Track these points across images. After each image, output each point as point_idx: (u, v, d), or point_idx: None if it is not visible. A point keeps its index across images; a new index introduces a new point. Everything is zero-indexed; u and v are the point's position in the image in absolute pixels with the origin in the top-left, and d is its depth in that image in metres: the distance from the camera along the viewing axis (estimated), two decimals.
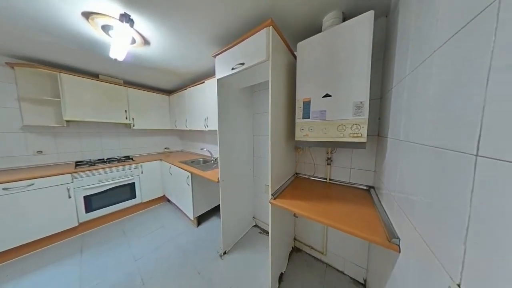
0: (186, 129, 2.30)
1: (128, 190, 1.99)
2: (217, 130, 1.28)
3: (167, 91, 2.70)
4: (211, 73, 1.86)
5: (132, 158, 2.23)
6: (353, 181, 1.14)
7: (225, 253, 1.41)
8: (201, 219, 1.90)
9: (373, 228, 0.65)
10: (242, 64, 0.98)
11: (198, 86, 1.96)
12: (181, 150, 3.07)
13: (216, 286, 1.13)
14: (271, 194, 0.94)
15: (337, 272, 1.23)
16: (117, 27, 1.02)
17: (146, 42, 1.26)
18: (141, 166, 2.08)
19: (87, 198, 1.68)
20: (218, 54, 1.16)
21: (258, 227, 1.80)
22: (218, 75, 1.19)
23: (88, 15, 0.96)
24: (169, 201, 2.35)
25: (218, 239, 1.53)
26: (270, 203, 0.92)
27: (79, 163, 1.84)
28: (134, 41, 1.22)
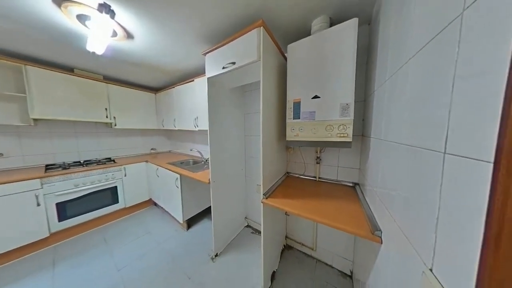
0: (174, 129, 2.20)
1: (109, 195, 1.84)
2: (207, 130, 1.25)
3: (154, 89, 2.56)
4: (201, 71, 1.81)
5: (114, 160, 2.07)
6: (340, 178, 1.20)
7: (216, 255, 1.38)
8: (191, 222, 1.84)
9: (358, 222, 0.69)
10: (233, 63, 0.97)
11: (187, 84, 1.89)
12: (169, 151, 2.94)
13: None
14: (263, 194, 0.95)
15: (326, 266, 1.28)
16: (95, 18, 0.94)
17: (129, 35, 1.17)
18: (124, 169, 1.94)
19: (61, 205, 1.52)
20: (208, 52, 1.13)
21: (250, 227, 1.79)
22: (208, 74, 1.16)
23: (60, 2, 0.87)
24: (156, 204, 2.24)
25: (209, 242, 1.50)
26: (262, 203, 0.93)
27: (50, 167, 1.66)
28: (115, 34, 1.13)
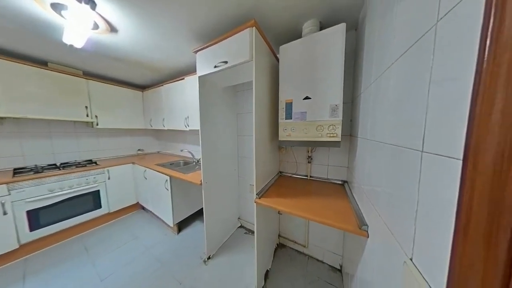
0: (163, 128, 2.11)
1: (91, 200, 1.71)
2: (199, 129, 1.22)
3: (141, 87, 2.44)
4: (192, 69, 1.76)
5: (95, 162, 1.92)
6: (330, 177, 1.24)
7: (209, 258, 1.35)
8: (182, 225, 1.78)
9: (346, 218, 0.72)
10: (225, 62, 0.96)
11: (177, 82, 1.82)
12: (157, 152, 2.81)
13: None
14: (256, 194, 0.95)
15: (317, 262, 1.32)
16: (73, 8, 0.86)
17: (112, 29, 1.10)
18: (107, 171, 1.82)
19: (32, 212, 1.38)
20: (199, 50, 1.10)
21: (243, 228, 1.79)
22: (199, 72, 1.13)
23: None
24: (144, 208, 2.13)
25: (201, 245, 1.46)
26: (255, 203, 0.93)
27: (19, 171, 1.49)
28: (96, 26, 1.06)
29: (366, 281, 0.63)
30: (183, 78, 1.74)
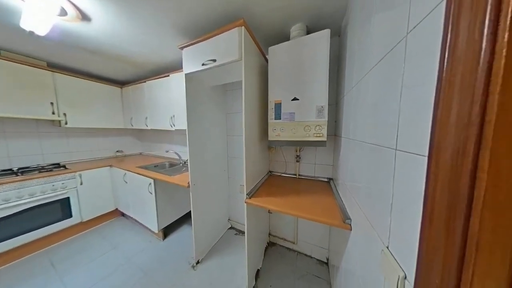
0: (146, 128, 1.97)
1: (58, 209, 1.51)
2: (186, 129, 1.17)
3: (119, 82, 2.24)
4: (178, 66, 1.68)
5: (64, 166, 1.71)
6: (317, 175, 1.30)
7: (198, 262, 1.31)
8: (168, 231, 1.69)
9: (332, 213, 0.77)
10: (214, 60, 0.93)
11: (161, 79, 1.72)
12: (140, 153, 2.62)
13: None
14: (246, 194, 0.95)
15: (306, 257, 1.38)
16: None
17: (84, 17, 0.99)
18: (79, 176, 1.63)
19: None
20: (185, 46, 1.06)
21: (234, 229, 1.77)
22: (186, 70, 1.09)
23: None
24: (124, 215, 1.96)
25: (189, 249, 1.40)
26: (246, 203, 0.93)
27: None
28: (64, 12, 0.94)
29: (350, 270, 0.68)
30: (168, 75, 1.64)
